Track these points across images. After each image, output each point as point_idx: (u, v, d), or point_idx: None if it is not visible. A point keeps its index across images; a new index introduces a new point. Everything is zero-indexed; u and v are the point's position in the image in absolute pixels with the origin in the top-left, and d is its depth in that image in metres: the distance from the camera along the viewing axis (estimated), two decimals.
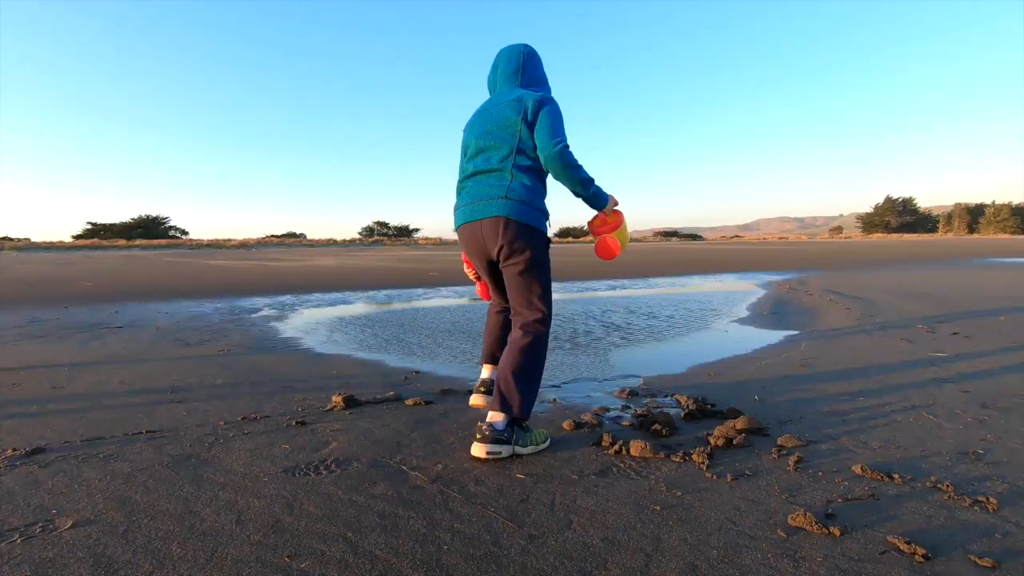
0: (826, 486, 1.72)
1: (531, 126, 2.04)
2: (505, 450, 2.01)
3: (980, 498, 1.61)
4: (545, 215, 2.10)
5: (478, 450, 2.00)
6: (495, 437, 1.99)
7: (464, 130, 2.26)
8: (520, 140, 2.05)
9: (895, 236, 60.76)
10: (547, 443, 2.13)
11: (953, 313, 5.47)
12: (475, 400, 2.31)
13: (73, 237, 38.51)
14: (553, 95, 2.16)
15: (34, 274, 12.30)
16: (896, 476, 1.76)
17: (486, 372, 2.35)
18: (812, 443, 2.08)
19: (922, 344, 3.97)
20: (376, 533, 1.47)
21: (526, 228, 2.02)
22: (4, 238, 32.83)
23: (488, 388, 2.30)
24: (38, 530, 1.49)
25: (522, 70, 2.20)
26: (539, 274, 2.08)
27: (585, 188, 2.09)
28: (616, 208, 2.23)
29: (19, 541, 1.43)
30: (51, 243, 30.93)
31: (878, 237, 61.78)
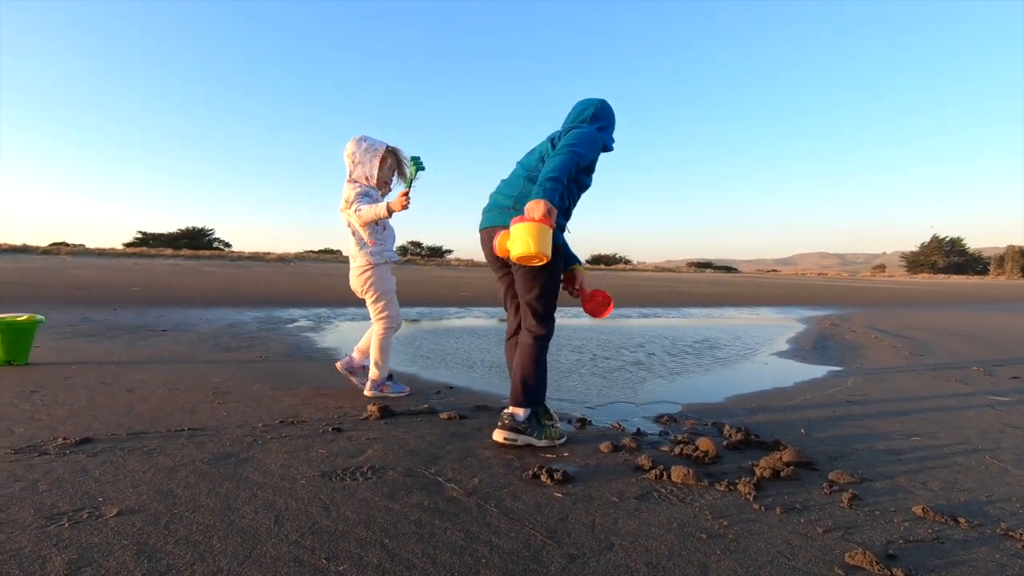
0: (885, 526, 1.62)
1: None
2: (521, 439, 2.21)
3: None
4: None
5: (497, 435, 2.23)
6: (513, 426, 2.21)
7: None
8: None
9: (942, 277, 58.37)
10: (563, 440, 2.29)
11: (1010, 357, 5.18)
12: (495, 435, 2.26)
13: (124, 245, 40.24)
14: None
15: (86, 278, 12.88)
16: (962, 520, 1.64)
17: (514, 410, 2.26)
18: (866, 480, 1.97)
19: (980, 386, 3.76)
20: (413, 541, 1.44)
21: None
22: (61, 243, 34.57)
23: (507, 424, 2.24)
24: (85, 516, 1.52)
25: (590, 119, 2.34)
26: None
27: (553, 174, 1.99)
28: (542, 217, 1.92)
29: (67, 525, 1.46)
30: (103, 249, 32.40)
31: (924, 277, 59.45)
